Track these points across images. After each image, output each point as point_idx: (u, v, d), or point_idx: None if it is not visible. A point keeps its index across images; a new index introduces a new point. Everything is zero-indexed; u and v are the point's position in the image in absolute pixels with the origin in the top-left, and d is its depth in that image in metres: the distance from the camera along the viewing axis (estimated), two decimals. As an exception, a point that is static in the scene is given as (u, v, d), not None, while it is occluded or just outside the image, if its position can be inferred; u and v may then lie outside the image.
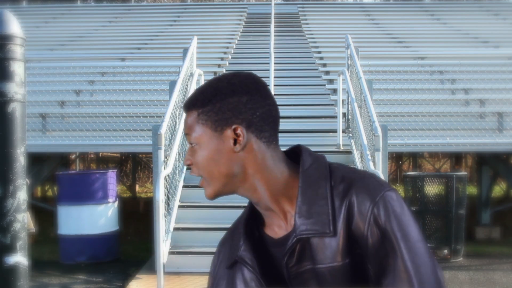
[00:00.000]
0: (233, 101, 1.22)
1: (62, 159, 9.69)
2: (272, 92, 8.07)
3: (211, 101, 1.23)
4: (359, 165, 6.72)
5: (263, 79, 1.27)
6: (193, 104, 1.24)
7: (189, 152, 1.26)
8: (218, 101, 1.23)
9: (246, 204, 1.34)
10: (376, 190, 1.19)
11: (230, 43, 13.00)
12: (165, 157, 6.02)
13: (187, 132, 1.25)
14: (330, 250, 1.19)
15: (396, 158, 15.56)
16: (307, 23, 15.27)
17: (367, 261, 1.17)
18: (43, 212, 8.70)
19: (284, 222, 1.25)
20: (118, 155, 14.87)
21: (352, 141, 7.35)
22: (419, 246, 1.15)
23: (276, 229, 1.26)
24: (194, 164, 1.25)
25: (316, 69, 11.03)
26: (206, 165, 1.23)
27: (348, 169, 1.27)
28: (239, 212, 1.37)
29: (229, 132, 1.22)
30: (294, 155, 1.29)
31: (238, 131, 1.22)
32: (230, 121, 1.22)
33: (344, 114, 8.04)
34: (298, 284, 1.21)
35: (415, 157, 15.12)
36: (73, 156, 11.61)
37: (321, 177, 1.23)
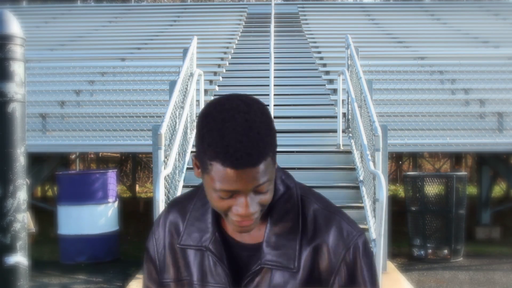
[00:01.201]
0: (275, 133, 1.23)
1: (62, 159, 9.69)
2: (272, 92, 8.11)
3: (275, 134, 1.19)
4: (359, 165, 6.72)
5: (263, 79, 1.26)
6: (267, 153, 1.14)
7: (254, 199, 1.16)
8: (275, 135, 1.20)
9: None
10: (349, 235, 1.23)
11: (230, 43, 13.00)
12: (165, 157, 6.02)
13: (264, 182, 1.14)
14: (288, 284, 1.22)
15: (396, 158, 15.56)
16: (307, 23, 15.27)
17: None
18: (43, 212, 8.70)
19: (251, 236, 1.27)
20: (118, 155, 14.87)
21: (352, 141, 7.35)
22: None
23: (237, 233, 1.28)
24: (260, 206, 1.17)
25: (316, 69, 11.03)
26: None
27: (320, 203, 1.28)
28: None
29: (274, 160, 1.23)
30: None
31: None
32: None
33: (344, 114, 8.04)
34: None
35: (415, 157, 15.12)
36: (73, 156, 11.61)
37: (293, 210, 1.25)
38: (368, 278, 1.23)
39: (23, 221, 2.39)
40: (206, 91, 9.11)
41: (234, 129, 1.11)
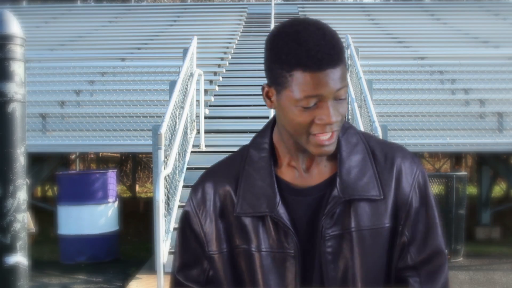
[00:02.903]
0: None
1: (62, 159, 9.68)
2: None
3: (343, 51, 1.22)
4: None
5: (263, 79, 1.27)
6: (343, 55, 1.18)
7: (338, 106, 1.18)
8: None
9: None
10: (415, 159, 1.28)
11: (230, 43, 13.00)
12: (165, 157, 6.02)
13: (343, 86, 1.16)
14: (376, 213, 1.22)
15: (396, 158, 15.52)
16: (307, 23, 15.24)
17: (405, 224, 1.24)
18: (43, 212, 8.70)
19: (306, 173, 1.25)
20: (118, 155, 14.86)
21: (352, 141, 7.33)
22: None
23: (296, 175, 1.26)
24: (342, 119, 1.20)
25: (316, 69, 11.01)
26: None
27: (377, 138, 1.33)
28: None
29: None
30: None
31: None
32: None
33: (344, 114, 8.03)
34: (331, 246, 1.21)
35: (415, 157, 15.09)
36: (73, 156, 11.61)
37: (359, 143, 1.26)
38: (432, 198, 1.28)
39: (23, 221, 2.39)
40: (206, 91, 9.11)
41: (310, 36, 1.14)
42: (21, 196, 2.39)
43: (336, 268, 1.21)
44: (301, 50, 1.13)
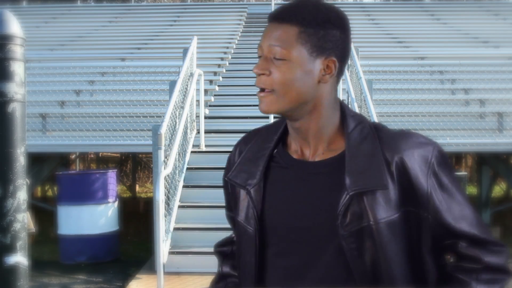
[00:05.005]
0: (336, 34, 1.25)
1: (62, 159, 9.68)
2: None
3: (318, 26, 1.22)
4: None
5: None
6: (295, 18, 1.22)
7: (266, 62, 1.24)
8: (324, 29, 1.23)
9: None
10: (428, 145, 1.25)
11: (230, 43, 13.00)
12: (165, 157, 6.02)
13: (277, 44, 1.22)
14: (387, 203, 1.21)
15: (396, 158, 15.54)
16: (307, 23, 15.25)
17: (424, 209, 1.23)
18: (43, 212, 8.70)
19: (312, 154, 1.28)
20: (118, 155, 14.86)
21: (352, 141, 7.34)
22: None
23: (297, 149, 1.30)
24: (270, 77, 1.23)
25: (316, 69, 11.02)
26: (288, 83, 1.22)
27: (387, 128, 1.32)
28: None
29: (322, 62, 1.24)
30: None
31: (331, 64, 1.25)
32: (328, 52, 1.23)
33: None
34: (354, 242, 1.21)
35: (415, 157, 15.10)
36: (73, 156, 11.61)
37: (368, 137, 1.26)
38: (452, 181, 1.26)
39: (23, 221, 2.39)
40: (206, 91, 9.10)
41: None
42: (21, 196, 2.38)
43: (364, 263, 1.21)
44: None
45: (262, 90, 1.24)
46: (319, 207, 1.23)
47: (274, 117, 7.93)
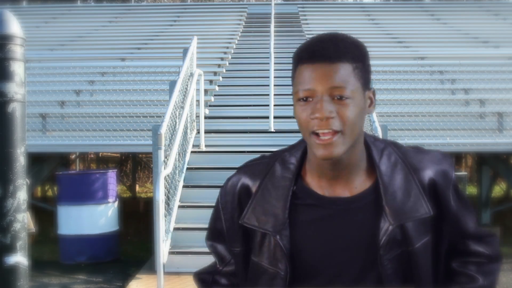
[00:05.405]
0: (370, 65, 1.26)
1: (62, 159, 9.68)
2: (272, 92, 8.10)
3: (365, 58, 1.22)
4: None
5: (263, 79, 1.29)
6: (345, 55, 1.18)
7: (330, 104, 1.16)
8: (367, 60, 1.24)
9: None
10: (448, 165, 1.30)
11: (230, 43, 12.99)
12: (165, 157, 6.02)
13: (341, 84, 1.16)
14: (424, 225, 1.24)
15: (396, 158, 15.52)
16: (307, 23, 15.26)
17: (447, 219, 1.28)
18: (43, 212, 8.69)
19: (344, 188, 1.25)
20: (118, 155, 14.86)
21: (352, 141, 7.33)
22: None
23: (321, 185, 1.26)
24: (339, 118, 1.16)
25: (316, 69, 11.00)
26: (355, 121, 1.18)
27: (409, 150, 1.32)
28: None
29: (368, 94, 1.24)
30: None
31: (371, 95, 1.26)
32: (369, 84, 1.24)
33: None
34: (391, 268, 1.22)
35: (415, 157, 15.08)
36: (73, 156, 11.60)
37: (397, 163, 1.26)
38: (459, 187, 1.33)
39: (23, 221, 2.39)
40: (206, 91, 9.10)
41: (319, 37, 1.19)
42: (21, 196, 2.38)
43: (398, 282, 1.24)
44: (304, 46, 1.18)
45: (325, 133, 1.17)
46: (359, 240, 1.23)
47: (274, 117, 7.95)
